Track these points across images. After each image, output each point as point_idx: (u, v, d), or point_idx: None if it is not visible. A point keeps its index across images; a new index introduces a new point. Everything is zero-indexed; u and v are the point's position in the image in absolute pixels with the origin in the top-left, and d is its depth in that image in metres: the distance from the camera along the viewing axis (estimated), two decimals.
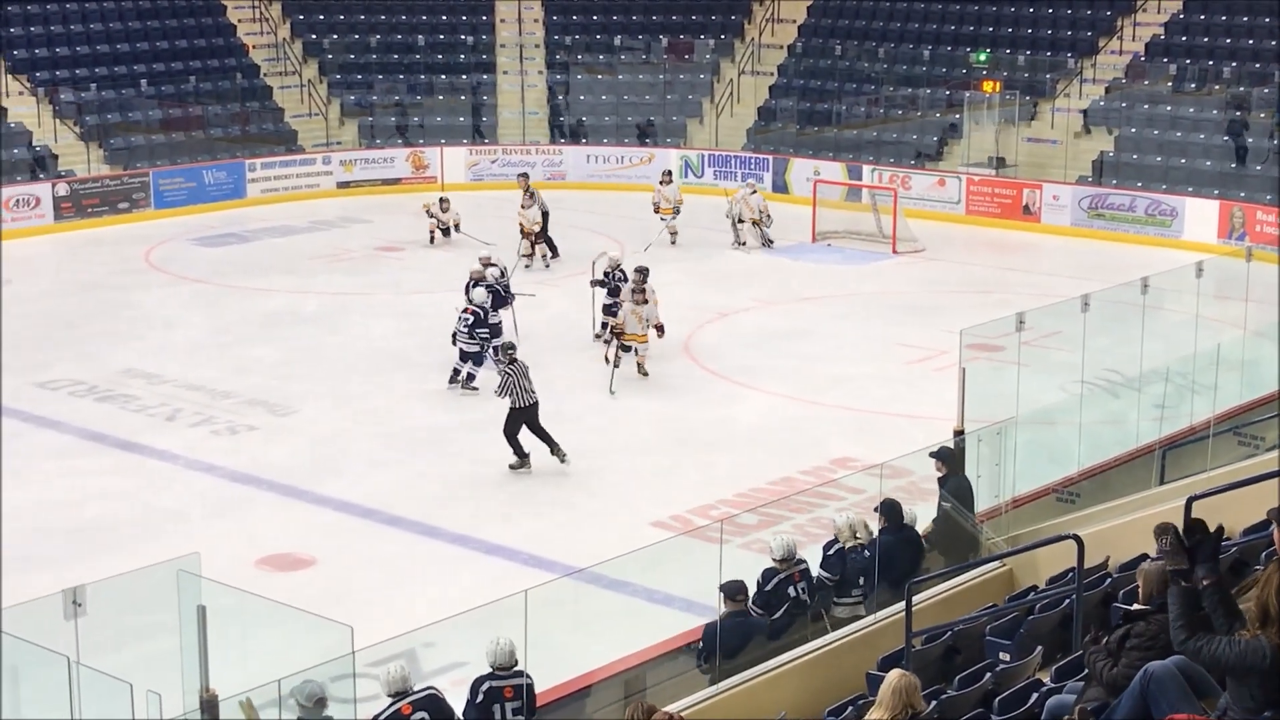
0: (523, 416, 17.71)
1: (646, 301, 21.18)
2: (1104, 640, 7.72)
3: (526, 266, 27.04)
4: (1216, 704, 6.53)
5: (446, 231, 29.94)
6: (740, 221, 30.04)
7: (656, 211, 30.11)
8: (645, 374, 21.17)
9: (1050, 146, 33.44)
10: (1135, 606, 7.87)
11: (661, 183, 30.56)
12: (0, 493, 16.33)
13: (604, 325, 22.34)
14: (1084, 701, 7.06)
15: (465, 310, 20.85)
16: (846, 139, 35.97)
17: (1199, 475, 13.13)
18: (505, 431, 17.76)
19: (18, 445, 18.81)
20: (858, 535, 12.58)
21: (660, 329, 21.26)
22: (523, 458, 17.76)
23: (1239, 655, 6.17)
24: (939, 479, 13.55)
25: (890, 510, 12.75)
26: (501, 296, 22.08)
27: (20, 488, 17.37)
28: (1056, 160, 32.95)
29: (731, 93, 38.07)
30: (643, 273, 21.61)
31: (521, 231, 27.78)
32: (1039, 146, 33.71)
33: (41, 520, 16.41)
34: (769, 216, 30.02)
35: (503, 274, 22.93)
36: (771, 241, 29.83)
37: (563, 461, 17.78)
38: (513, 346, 18.42)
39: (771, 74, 38.56)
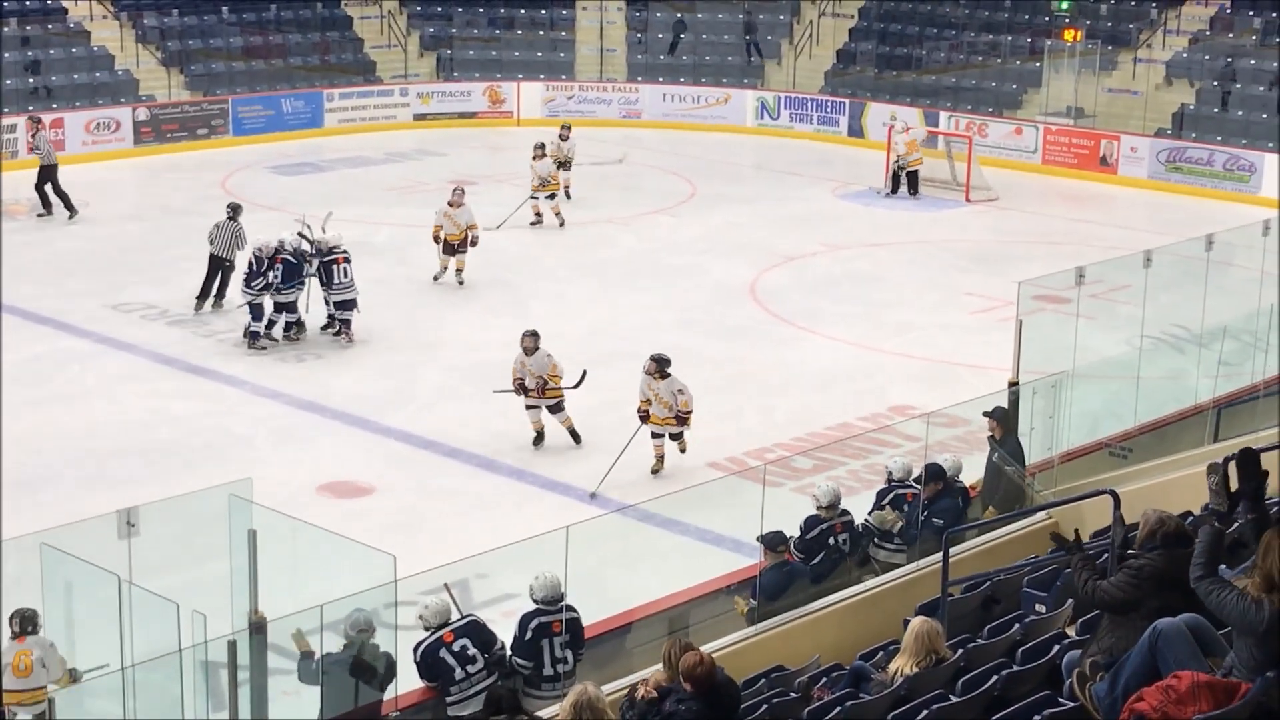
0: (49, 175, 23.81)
1: (666, 376, 15.86)
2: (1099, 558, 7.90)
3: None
4: (1223, 663, 6.62)
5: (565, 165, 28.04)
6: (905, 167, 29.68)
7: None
8: (684, 449, 16.23)
9: (1130, 97, 33.06)
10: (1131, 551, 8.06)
11: (534, 158, 26.35)
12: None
13: (332, 321, 20.03)
14: (1090, 656, 7.16)
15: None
16: (925, 84, 35.71)
17: (1252, 434, 13.07)
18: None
19: (90, 366, 19.25)
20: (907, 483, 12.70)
21: (685, 417, 15.92)
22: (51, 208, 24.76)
23: (1240, 612, 6.30)
24: (990, 438, 13.53)
25: (934, 474, 12.81)
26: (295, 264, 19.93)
27: (91, 409, 17.80)
28: (1136, 112, 32.58)
29: (811, 34, 37.85)
30: (659, 362, 15.96)
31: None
32: (1119, 97, 33.33)
33: (111, 441, 16.79)
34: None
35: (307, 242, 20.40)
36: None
37: (71, 218, 23.61)
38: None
39: (852, 16, 38.30)
